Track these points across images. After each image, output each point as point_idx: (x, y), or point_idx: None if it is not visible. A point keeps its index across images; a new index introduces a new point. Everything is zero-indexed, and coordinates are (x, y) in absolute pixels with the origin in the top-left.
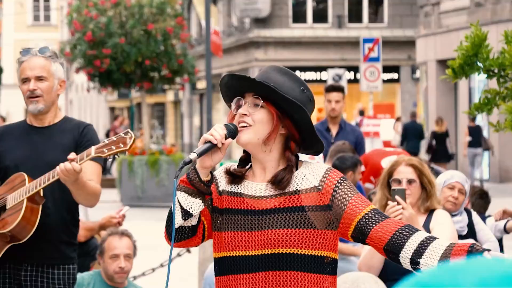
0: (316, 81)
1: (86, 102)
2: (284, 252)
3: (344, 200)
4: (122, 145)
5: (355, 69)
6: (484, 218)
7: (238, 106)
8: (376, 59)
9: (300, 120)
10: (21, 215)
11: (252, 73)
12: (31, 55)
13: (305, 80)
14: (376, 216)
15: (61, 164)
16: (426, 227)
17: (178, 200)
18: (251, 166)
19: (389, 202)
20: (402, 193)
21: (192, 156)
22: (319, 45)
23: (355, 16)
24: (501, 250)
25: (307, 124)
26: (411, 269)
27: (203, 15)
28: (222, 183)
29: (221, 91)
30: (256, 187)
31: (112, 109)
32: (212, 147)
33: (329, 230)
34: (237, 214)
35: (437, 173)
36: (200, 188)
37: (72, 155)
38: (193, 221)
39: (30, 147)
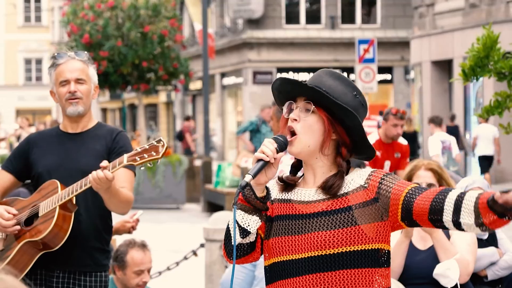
0: None
1: None
2: (329, 253)
3: (388, 188)
4: (154, 153)
5: (349, 70)
6: None
7: (290, 110)
8: (371, 60)
9: (352, 126)
10: (53, 222)
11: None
12: (68, 58)
13: None
14: (417, 190)
15: (94, 172)
16: (446, 231)
17: (235, 218)
18: (303, 174)
19: None
20: None
21: (247, 178)
22: (312, 46)
23: (348, 17)
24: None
25: (358, 130)
26: (460, 230)
27: (195, 17)
28: (274, 191)
29: (273, 94)
30: (306, 192)
31: (103, 110)
32: (265, 165)
33: (378, 222)
34: (286, 219)
35: None
36: (256, 205)
37: (104, 163)
38: (251, 238)
39: (63, 153)
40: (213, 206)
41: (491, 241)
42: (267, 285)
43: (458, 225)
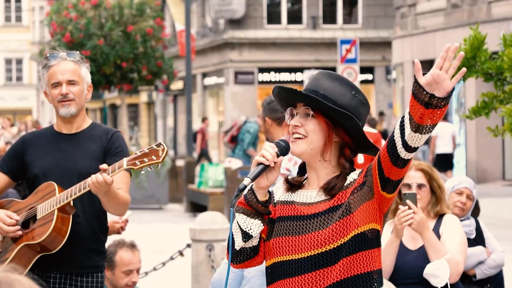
0: (291, 82)
1: None
2: (328, 249)
3: (371, 167)
4: (154, 158)
5: (330, 70)
6: None
7: (292, 116)
8: (353, 61)
9: (350, 127)
10: (52, 226)
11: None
12: (60, 59)
13: (280, 81)
14: (379, 154)
15: (93, 176)
16: (436, 231)
17: (237, 222)
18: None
19: (400, 206)
20: (413, 197)
21: (246, 181)
22: (294, 46)
23: (329, 17)
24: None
25: (358, 131)
26: (412, 155)
27: (176, 16)
28: (278, 193)
29: (276, 101)
30: (308, 194)
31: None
32: (265, 169)
33: (366, 202)
34: (287, 220)
35: None
36: (258, 208)
37: (104, 166)
38: (254, 242)
39: (59, 154)
40: (196, 206)
41: (479, 240)
42: (268, 286)
43: (407, 147)
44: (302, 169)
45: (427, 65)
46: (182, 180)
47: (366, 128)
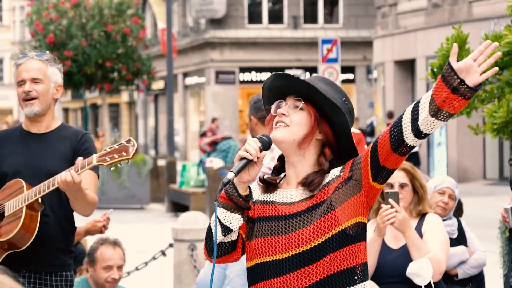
0: None
1: None
2: (311, 246)
3: (358, 160)
4: (124, 154)
5: (311, 70)
6: None
7: (278, 108)
8: (334, 60)
9: (339, 124)
10: (20, 222)
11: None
12: (28, 57)
13: (261, 81)
14: (375, 141)
15: (62, 173)
16: (418, 230)
17: (217, 216)
18: (285, 175)
19: (382, 205)
20: (395, 196)
21: (230, 175)
22: (275, 46)
23: (310, 17)
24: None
25: (345, 129)
26: (420, 141)
27: (159, 16)
28: (256, 193)
29: (263, 94)
30: (288, 193)
31: (65, 110)
32: (248, 163)
33: (354, 196)
34: (268, 220)
35: None
36: (239, 203)
37: (79, 159)
38: (232, 237)
39: (28, 154)
40: (177, 206)
41: (461, 240)
42: (250, 286)
43: (418, 133)
44: (277, 170)
45: (408, 64)
46: (164, 180)
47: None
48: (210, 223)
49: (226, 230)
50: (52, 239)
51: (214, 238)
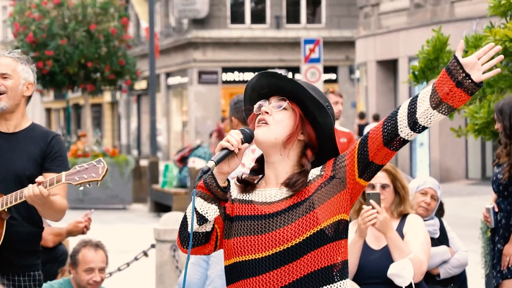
0: None
1: None
2: (290, 245)
3: (342, 158)
4: (94, 175)
5: (294, 70)
6: None
7: (260, 108)
8: (317, 60)
9: (323, 125)
10: None
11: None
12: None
13: (243, 81)
14: (365, 136)
15: (30, 187)
16: (399, 231)
17: (194, 206)
18: (262, 176)
19: (364, 206)
20: (376, 197)
21: (210, 164)
22: (257, 46)
23: (293, 17)
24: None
25: (329, 130)
26: (415, 134)
27: (142, 15)
28: (234, 192)
29: (245, 94)
30: (267, 193)
31: (48, 110)
32: (229, 154)
33: (336, 194)
34: (247, 220)
35: None
36: (217, 193)
37: (40, 178)
38: (207, 227)
39: None
40: (160, 207)
41: (443, 240)
42: (228, 285)
43: (414, 125)
44: (255, 171)
45: (390, 64)
46: (146, 180)
47: (340, 127)
48: (186, 213)
49: (202, 219)
50: (19, 241)
51: (191, 226)
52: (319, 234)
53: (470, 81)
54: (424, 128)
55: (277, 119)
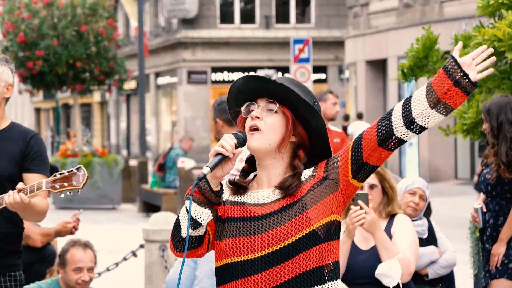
0: None
1: (10, 103)
2: (282, 246)
3: (335, 159)
4: (75, 183)
5: (283, 70)
6: None
7: (249, 111)
8: (306, 60)
9: (316, 127)
10: None
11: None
12: None
13: (233, 81)
14: (359, 137)
15: (10, 195)
16: (388, 231)
17: (187, 209)
18: (254, 176)
19: (352, 207)
20: (364, 197)
21: (206, 170)
22: (247, 46)
23: (282, 16)
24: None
25: (321, 130)
26: (412, 134)
27: (132, 15)
28: (226, 193)
29: (230, 95)
30: (259, 194)
31: (37, 110)
32: (223, 159)
33: (329, 196)
34: (239, 221)
35: None
36: (210, 198)
37: (20, 185)
38: (200, 231)
39: None
40: (149, 207)
41: (431, 240)
42: (218, 286)
43: (410, 124)
44: (245, 172)
45: (379, 64)
46: (135, 180)
47: (332, 127)
48: (178, 217)
49: (195, 224)
50: (0, 241)
51: (186, 231)
52: (311, 234)
53: (467, 80)
54: (422, 128)
55: (269, 124)
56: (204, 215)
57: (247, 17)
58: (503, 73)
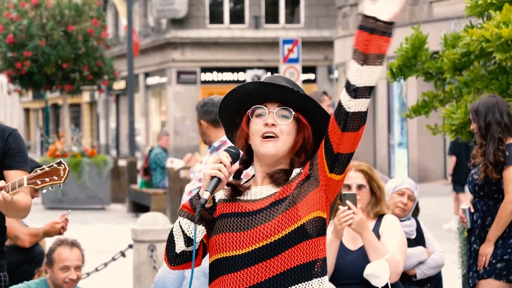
0: (233, 81)
1: None
2: (271, 240)
3: (315, 157)
4: (56, 178)
5: (272, 70)
6: None
7: (257, 115)
8: (295, 60)
9: (324, 130)
10: None
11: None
12: None
13: (222, 81)
14: (326, 133)
15: None
16: (376, 231)
17: (181, 227)
18: (252, 176)
19: (340, 207)
20: (352, 198)
21: (206, 195)
22: (236, 46)
23: (271, 17)
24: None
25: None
26: (363, 100)
27: (123, 14)
28: (219, 193)
29: (232, 96)
30: (252, 191)
31: (26, 110)
32: (220, 181)
33: (312, 191)
34: (231, 217)
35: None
36: (203, 215)
37: (1, 183)
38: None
39: None
40: (138, 207)
41: (419, 240)
42: (210, 282)
43: (355, 92)
44: (240, 172)
45: None
46: (125, 180)
47: None
48: (172, 232)
49: (189, 241)
50: None
51: (193, 257)
52: (299, 230)
53: (381, 22)
54: (368, 88)
55: (285, 131)
56: (198, 232)
57: (237, 17)
58: (492, 74)
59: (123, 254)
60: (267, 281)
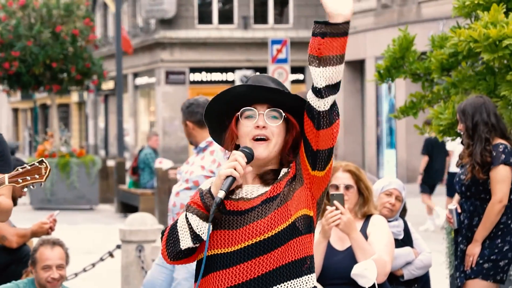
0: (222, 82)
1: None
2: (263, 238)
3: (298, 156)
4: (37, 176)
5: (261, 70)
6: None
7: (246, 116)
8: (284, 61)
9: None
10: None
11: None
12: None
13: (211, 81)
14: (303, 133)
15: None
16: (363, 232)
17: (189, 224)
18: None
19: (327, 207)
20: (340, 198)
21: (221, 194)
22: (225, 46)
23: (260, 17)
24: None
25: None
26: (330, 98)
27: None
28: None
29: (222, 97)
30: (243, 190)
31: (15, 110)
32: (235, 180)
33: (298, 190)
34: (223, 215)
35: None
36: (215, 214)
37: None
38: (198, 243)
39: None
40: (126, 207)
41: (407, 241)
42: (200, 279)
43: (319, 92)
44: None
45: (357, 65)
46: (113, 180)
47: None
48: (176, 226)
49: (197, 238)
50: None
51: (204, 258)
52: (291, 227)
53: (330, 26)
54: (332, 86)
55: (275, 133)
56: (206, 229)
57: (225, 17)
58: (479, 74)
59: (111, 254)
60: (259, 277)
